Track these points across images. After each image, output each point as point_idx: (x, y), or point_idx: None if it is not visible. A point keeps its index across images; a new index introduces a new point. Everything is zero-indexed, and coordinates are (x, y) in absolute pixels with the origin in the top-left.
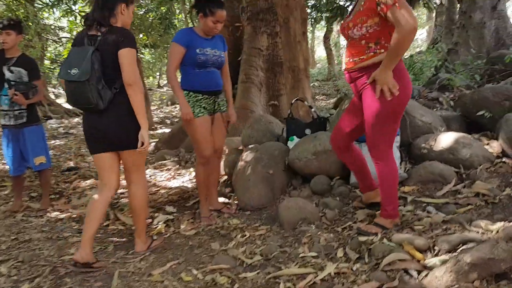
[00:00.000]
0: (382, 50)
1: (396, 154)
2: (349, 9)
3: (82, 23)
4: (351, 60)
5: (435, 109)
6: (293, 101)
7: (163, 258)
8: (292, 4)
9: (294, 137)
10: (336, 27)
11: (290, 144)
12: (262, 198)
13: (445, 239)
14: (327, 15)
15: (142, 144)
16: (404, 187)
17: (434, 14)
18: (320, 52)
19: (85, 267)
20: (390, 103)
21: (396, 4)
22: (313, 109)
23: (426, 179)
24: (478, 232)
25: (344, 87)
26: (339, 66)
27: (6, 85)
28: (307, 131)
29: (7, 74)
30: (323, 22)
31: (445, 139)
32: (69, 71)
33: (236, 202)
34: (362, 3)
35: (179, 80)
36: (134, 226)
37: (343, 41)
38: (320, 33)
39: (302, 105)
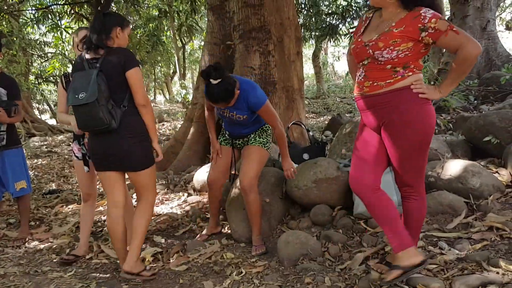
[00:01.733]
0: (410, 73)
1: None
2: (345, 27)
3: (80, 47)
4: (374, 83)
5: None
6: (289, 125)
7: None
8: (287, 23)
9: (292, 163)
10: (324, 45)
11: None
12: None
13: (463, 281)
14: (317, 33)
15: (157, 155)
16: None
17: None
18: (306, 70)
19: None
20: (418, 133)
21: (454, 29)
22: (311, 133)
23: (434, 210)
24: (498, 273)
25: (334, 105)
26: (327, 83)
27: None
28: (305, 156)
29: None
30: (312, 41)
31: (453, 167)
32: (76, 96)
33: (229, 231)
34: (394, 24)
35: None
36: (132, 245)
37: (330, 60)
38: (307, 51)
39: (296, 127)
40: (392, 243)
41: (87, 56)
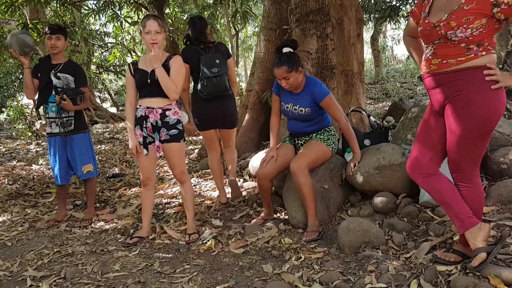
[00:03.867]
0: (484, 53)
1: None
2: (404, 8)
3: (187, 42)
4: (444, 61)
5: (503, 116)
6: (349, 111)
7: (212, 279)
8: (347, 3)
9: None
10: (383, 28)
11: (347, 157)
12: (317, 215)
13: None
14: (376, 15)
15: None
16: None
17: None
18: (364, 54)
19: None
20: (485, 118)
21: None
22: (372, 118)
23: (507, 198)
24: None
25: (394, 91)
26: (386, 68)
27: (53, 92)
28: (366, 142)
29: (54, 81)
30: (370, 23)
31: None
32: (211, 70)
33: (286, 217)
34: (463, 1)
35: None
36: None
37: (389, 43)
38: (365, 34)
39: (355, 113)
40: (455, 224)
41: (200, 46)
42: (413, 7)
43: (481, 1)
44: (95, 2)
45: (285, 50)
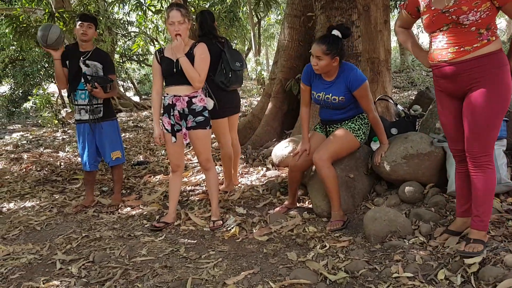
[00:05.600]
0: (494, 38)
1: (503, 160)
2: None
3: (203, 36)
4: (461, 49)
5: None
6: (376, 100)
7: (237, 265)
8: None
9: None
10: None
11: (374, 145)
12: (341, 204)
13: None
14: (402, 1)
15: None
16: (511, 198)
17: None
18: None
19: None
20: (505, 100)
21: None
22: (400, 107)
23: None
24: None
25: (419, 79)
26: (411, 56)
27: (82, 80)
28: (393, 130)
29: (84, 68)
30: (396, 11)
31: None
32: (236, 64)
33: (310, 206)
34: None
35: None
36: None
37: (415, 31)
38: (391, 21)
39: (381, 101)
40: (480, 216)
41: (218, 41)
42: None
43: None
44: None
45: (334, 32)
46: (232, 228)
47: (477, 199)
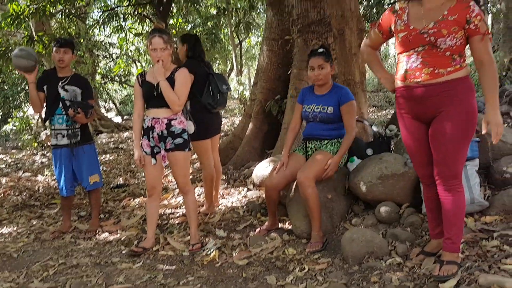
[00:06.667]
0: (465, 64)
1: (476, 179)
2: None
3: (192, 58)
4: (435, 71)
5: (506, 125)
6: None
7: None
8: (348, 14)
9: (355, 158)
10: None
11: (350, 166)
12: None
13: None
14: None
15: None
16: (485, 217)
17: (489, 22)
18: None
19: None
20: (473, 124)
21: (489, 36)
22: (374, 128)
23: (510, 208)
24: None
25: None
26: None
27: (60, 105)
28: (369, 151)
29: (62, 93)
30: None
31: None
32: (223, 86)
33: (290, 227)
34: (446, 12)
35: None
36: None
37: (391, 51)
38: None
39: (357, 123)
40: (434, 233)
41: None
42: None
43: (461, 15)
44: (99, 14)
45: (320, 50)
46: (212, 252)
47: (448, 221)
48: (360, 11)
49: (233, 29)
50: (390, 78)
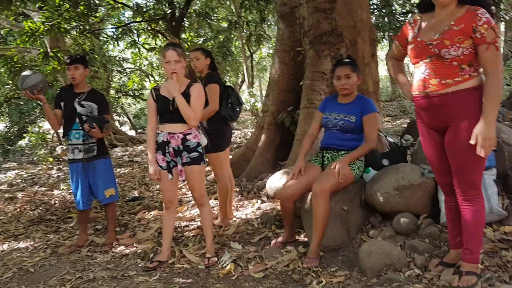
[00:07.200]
0: (476, 74)
1: (493, 189)
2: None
3: (214, 70)
4: (442, 81)
5: None
6: None
7: None
8: (360, 25)
9: (370, 169)
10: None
11: (366, 177)
12: (337, 237)
13: None
14: (391, 34)
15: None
16: (504, 226)
17: (503, 29)
18: (379, 72)
19: None
20: None
21: (496, 44)
22: (390, 139)
23: None
24: None
25: (411, 108)
26: None
27: (77, 120)
28: (385, 161)
29: (78, 109)
30: (385, 42)
31: None
32: (240, 99)
33: (305, 239)
34: (453, 22)
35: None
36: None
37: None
38: (380, 52)
39: None
40: (470, 249)
41: None
42: None
43: (467, 24)
44: (113, 29)
45: (347, 60)
46: (228, 264)
47: (467, 232)
48: (372, 21)
49: (244, 41)
50: (410, 87)
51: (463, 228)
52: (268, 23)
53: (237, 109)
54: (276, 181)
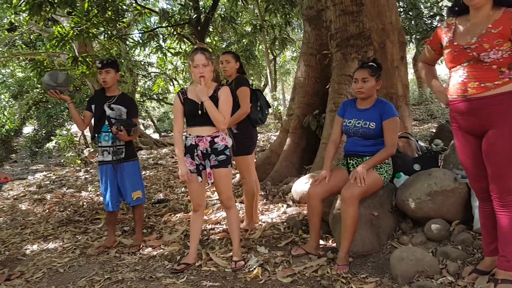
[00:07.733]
0: None
1: None
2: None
3: (243, 73)
4: (481, 84)
5: None
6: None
7: None
8: (389, 27)
9: (401, 174)
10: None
11: (397, 182)
12: (366, 243)
13: None
14: (418, 37)
15: None
16: None
17: None
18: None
19: None
20: None
21: None
22: (421, 143)
23: None
24: None
25: (439, 112)
26: (430, 88)
27: (106, 122)
28: (416, 166)
29: (108, 112)
30: (412, 45)
31: None
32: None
33: (334, 245)
34: (490, 25)
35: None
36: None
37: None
38: (407, 55)
39: (401, 138)
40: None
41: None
42: None
43: (505, 27)
44: (140, 35)
45: (368, 63)
46: (255, 268)
47: (503, 239)
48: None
49: (268, 45)
50: (445, 91)
51: (499, 235)
52: (292, 26)
53: (266, 112)
54: (302, 185)
